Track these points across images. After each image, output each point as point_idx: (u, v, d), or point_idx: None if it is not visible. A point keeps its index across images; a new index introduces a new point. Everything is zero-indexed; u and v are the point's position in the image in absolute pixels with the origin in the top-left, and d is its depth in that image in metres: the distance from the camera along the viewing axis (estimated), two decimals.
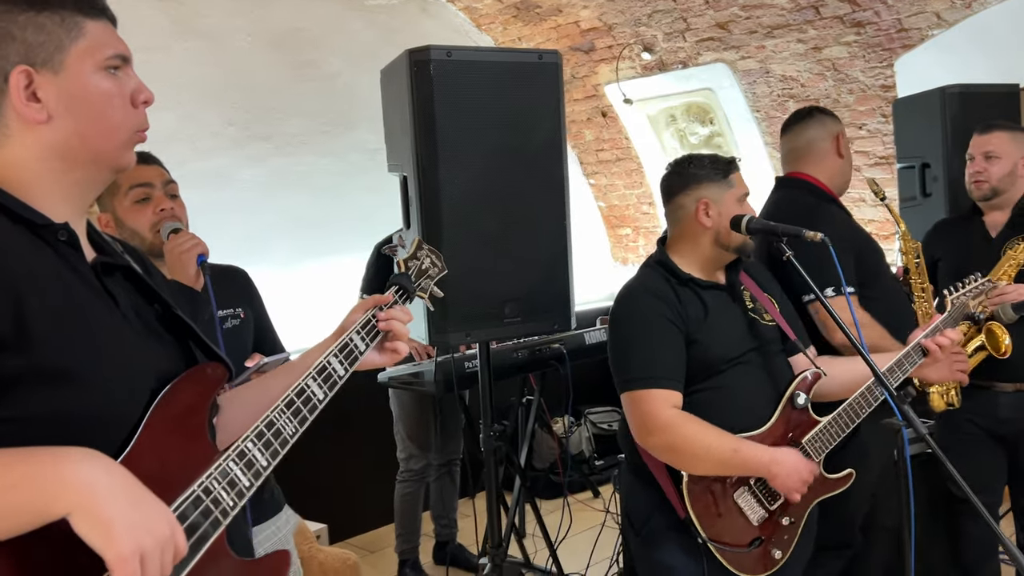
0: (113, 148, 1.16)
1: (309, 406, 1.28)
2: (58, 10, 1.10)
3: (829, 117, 2.76)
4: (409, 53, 2.31)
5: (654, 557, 2.09)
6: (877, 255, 2.67)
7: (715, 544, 1.96)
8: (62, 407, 1.01)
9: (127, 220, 2.02)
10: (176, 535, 0.99)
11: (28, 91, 1.08)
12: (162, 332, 1.22)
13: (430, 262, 1.71)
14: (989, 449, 2.87)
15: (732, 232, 2.09)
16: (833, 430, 2.07)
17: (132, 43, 1.22)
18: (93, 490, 0.92)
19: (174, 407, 1.13)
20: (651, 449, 1.99)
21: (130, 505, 0.94)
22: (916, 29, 4.24)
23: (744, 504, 2.01)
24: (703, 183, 2.12)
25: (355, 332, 1.42)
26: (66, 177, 1.13)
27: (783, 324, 2.18)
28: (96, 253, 1.19)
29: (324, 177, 4.87)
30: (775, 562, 2.03)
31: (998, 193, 2.88)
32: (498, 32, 5.72)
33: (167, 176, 2.09)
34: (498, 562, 2.65)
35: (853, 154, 4.90)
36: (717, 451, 1.94)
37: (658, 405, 1.96)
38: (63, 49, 1.10)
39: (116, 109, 1.15)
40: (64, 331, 1.02)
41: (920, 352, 2.13)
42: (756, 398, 2.07)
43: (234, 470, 1.13)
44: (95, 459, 0.95)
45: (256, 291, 2.30)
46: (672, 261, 2.14)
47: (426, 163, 2.31)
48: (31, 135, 1.10)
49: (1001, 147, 2.88)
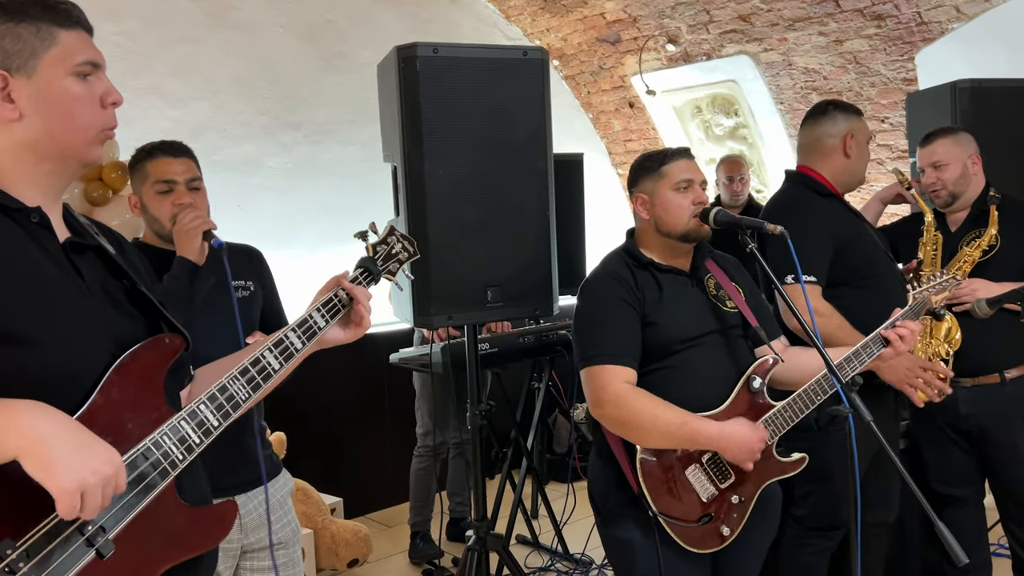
0: (80, 144, 1.30)
1: (263, 375, 1.42)
2: (35, 21, 1.24)
3: (844, 114, 2.76)
4: (398, 50, 2.43)
5: (612, 533, 2.19)
6: (871, 249, 2.70)
7: (665, 518, 2.05)
8: (26, 367, 1.15)
9: (150, 207, 2.20)
10: (119, 474, 1.13)
11: (3, 92, 1.23)
12: (128, 305, 1.36)
13: (401, 247, 1.85)
14: (956, 444, 2.89)
15: (668, 220, 2.19)
16: (787, 414, 2.14)
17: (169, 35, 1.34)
18: (37, 435, 1.07)
19: (132, 371, 1.27)
20: (603, 421, 2.10)
21: (71, 448, 1.09)
22: (936, 22, 4.22)
23: (694, 480, 2.09)
24: (639, 180, 2.27)
25: (315, 309, 1.55)
26: (37, 168, 1.27)
27: (746, 311, 2.26)
28: (70, 234, 1.34)
29: (351, 165, 5.04)
30: (723, 539, 2.11)
31: (956, 197, 2.92)
32: (527, 23, 5.82)
33: (193, 172, 2.23)
34: (482, 534, 2.77)
35: (876, 147, 4.92)
36: (664, 423, 2.02)
37: (610, 379, 2.06)
38: (36, 56, 1.24)
39: (84, 109, 1.28)
40: (27, 302, 1.17)
41: (880, 342, 2.19)
42: (713, 379, 2.15)
43: (185, 428, 1.27)
44: (39, 409, 1.10)
45: (268, 271, 2.43)
46: (636, 248, 2.26)
47: (412, 154, 2.44)
48: (6, 131, 1.24)
49: (946, 153, 2.91)
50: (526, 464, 4.10)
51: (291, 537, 2.32)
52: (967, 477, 2.91)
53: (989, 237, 2.81)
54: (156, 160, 2.19)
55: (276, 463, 2.39)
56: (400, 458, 4.43)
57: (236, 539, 2.18)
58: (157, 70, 4.37)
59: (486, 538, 2.78)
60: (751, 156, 5.52)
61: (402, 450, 4.38)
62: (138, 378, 1.28)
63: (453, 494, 4.42)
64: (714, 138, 5.73)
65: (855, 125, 2.75)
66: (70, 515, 1.08)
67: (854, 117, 2.77)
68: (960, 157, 2.89)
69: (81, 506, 1.08)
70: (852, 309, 2.56)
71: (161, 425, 1.25)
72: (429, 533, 4.21)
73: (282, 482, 2.38)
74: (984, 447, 2.84)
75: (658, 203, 2.21)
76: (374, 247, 1.80)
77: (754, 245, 2.17)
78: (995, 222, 2.82)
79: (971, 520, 2.94)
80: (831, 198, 2.74)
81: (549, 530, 4.20)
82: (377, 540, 4.26)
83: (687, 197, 2.19)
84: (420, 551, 4.14)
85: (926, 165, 2.95)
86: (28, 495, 1.09)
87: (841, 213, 2.74)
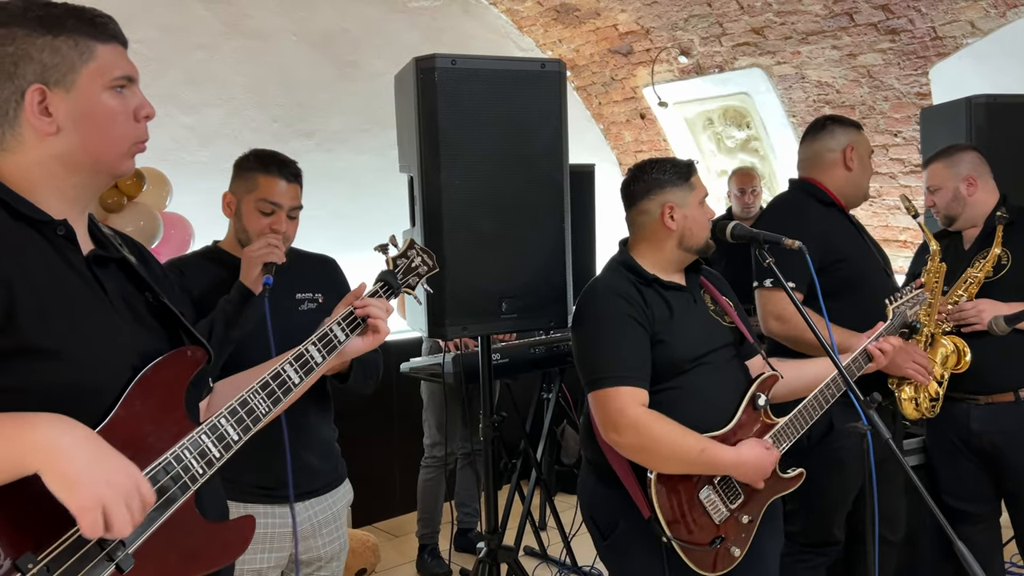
0: (114, 157, 1.30)
1: (284, 388, 1.42)
2: (73, 35, 1.24)
3: (843, 128, 2.75)
4: (416, 61, 2.43)
5: (622, 563, 2.15)
6: (865, 264, 2.68)
7: (679, 543, 2.00)
8: (50, 380, 1.16)
9: (246, 218, 2.21)
10: (140, 486, 1.12)
11: (41, 106, 1.23)
12: (149, 318, 1.36)
13: (420, 260, 1.85)
14: (970, 461, 2.88)
15: (697, 234, 2.16)
16: (790, 429, 2.13)
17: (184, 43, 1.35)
18: (56, 450, 1.07)
19: (153, 383, 1.27)
20: (619, 447, 2.03)
21: (91, 461, 1.08)
22: (950, 37, 4.21)
23: (708, 503, 2.06)
24: (667, 188, 2.17)
25: (336, 324, 1.56)
26: (67, 181, 1.27)
27: (741, 326, 2.24)
28: (94, 246, 1.34)
29: (363, 173, 5.05)
30: (733, 559, 2.08)
31: (953, 219, 2.94)
32: (539, 34, 5.82)
33: (298, 200, 2.26)
34: (493, 547, 2.76)
35: (889, 161, 4.91)
36: (685, 451, 1.98)
37: (627, 403, 2.00)
38: (75, 70, 1.24)
39: (119, 124, 1.29)
40: (49, 315, 1.17)
41: (866, 357, 2.24)
42: (718, 398, 2.12)
43: (205, 442, 1.28)
44: (59, 423, 1.10)
45: (343, 280, 2.44)
46: (636, 262, 2.18)
47: (429, 165, 2.43)
48: (41, 144, 1.24)
49: (936, 178, 2.95)
50: (535, 475, 4.08)
51: (338, 552, 2.32)
52: (981, 494, 2.89)
53: (993, 257, 2.80)
54: (271, 178, 2.20)
55: (340, 473, 2.38)
56: (408, 467, 4.42)
57: (287, 547, 2.18)
58: (172, 77, 4.39)
59: (497, 550, 2.77)
60: (763, 169, 5.52)
61: (410, 459, 4.37)
62: (160, 391, 1.28)
63: (461, 504, 4.40)
64: (726, 150, 5.73)
65: (855, 138, 2.75)
66: (94, 533, 1.07)
67: (854, 131, 2.77)
68: (951, 181, 2.91)
69: (107, 524, 1.07)
70: (838, 322, 2.52)
71: (182, 439, 1.26)
72: (437, 548, 4.19)
73: (341, 494, 2.36)
74: (998, 465, 2.83)
75: (689, 215, 2.16)
76: (394, 260, 1.81)
77: (772, 260, 2.17)
78: (1000, 242, 2.81)
79: (985, 537, 2.93)
80: (832, 207, 2.73)
81: (557, 542, 4.18)
82: (384, 550, 4.25)
83: (707, 213, 2.18)
84: (428, 567, 4.12)
85: (925, 187, 3.01)
86: (48, 508, 1.08)
87: (840, 224, 2.71)
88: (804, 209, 2.68)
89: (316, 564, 2.28)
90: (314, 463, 2.24)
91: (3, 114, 1.23)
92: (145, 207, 3.74)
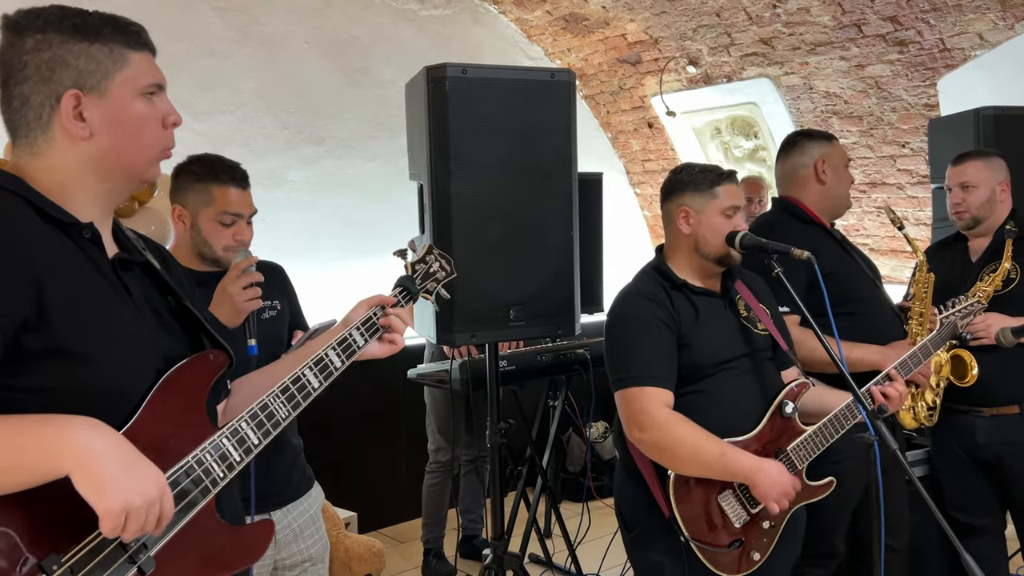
0: (143, 163, 1.33)
1: (303, 393, 1.44)
2: (108, 43, 1.27)
3: (813, 142, 2.75)
4: (427, 70, 2.46)
5: (644, 556, 2.19)
6: (854, 278, 2.67)
7: (697, 543, 2.04)
8: (76, 381, 1.17)
9: (206, 231, 2.17)
10: (164, 497, 1.14)
11: (76, 111, 1.25)
12: (172, 321, 1.38)
13: (439, 266, 1.84)
14: (975, 473, 2.88)
15: (711, 242, 2.18)
16: (817, 439, 2.14)
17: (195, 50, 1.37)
18: (89, 453, 1.09)
19: (176, 387, 1.29)
20: (641, 446, 2.07)
21: (121, 468, 1.10)
22: (959, 49, 4.22)
23: (727, 506, 2.09)
24: (686, 191, 2.21)
25: (355, 328, 1.57)
26: (98, 185, 1.30)
27: (776, 334, 2.26)
28: (119, 249, 1.36)
29: (372, 180, 5.07)
30: (753, 563, 2.11)
31: (979, 221, 2.90)
32: (548, 43, 5.85)
33: (253, 207, 2.25)
34: (499, 553, 2.77)
35: (896, 172, 4.92)
36: (705, 454, 2.02)
37: (652, 403, 2.05)
38: (109, 76, 1.27)
39: (149, 130, 1.32)
40: (79, 317, 1.19)
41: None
42: (744, 404, 2.14)
43: (226, 445, 1.29)
44: (93, 427, 1.12)
45: (291, 286, 2.47)
46: (668, 267, 2.24)
47: (439, 173, 2.46)
48: (74, 148, 1.26)
49: (976, 176, 2.88)
50: (541, 482, 4.09)
51: (321, 553, 2.34)
52: (986, 506, 2.90)
53: (1003, 272, 2.79)
54: (225, 188, 2.16)
55: (309, 476, 2.40)
56: (415, 473, 4.43)
57: (270, 555, 2.20)
58: (183, 84, 4.41)
59: (503, 557, 2.78)
60: (770, 179, 5.53)
61: (416, 465, 4.38)
62: (182, 394, 1.30)
63: (465, 511, 4.42)
64: (733, 160, 5.74)
65: (827, 151, 2.74)
66: (112, 534, 1.10)
67: (825, 143, 2.76)
68: (990, 182, 2.87)
69: (124, 526, 1.09)
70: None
71: (202, 442, 1.27)
72: (442, 551, 4.20)
73: (314, 496, 2.38)
74: (1004, 477, 2.83)
75: (704, 222, 2.19)
76: (413, 266, 1.81)
77: (780, 270, 2.18)
78: (1009, 256, 2.81)
79: (990, 550, 2.93)
80: (811, 225, 2.72)
81: (562, 549, 4.19)
82: (390, 556, 4.26)
83: (730, 224, 2.19)
84: (433, 569, 4.13)
85: (955, 184, 2.93)
86: (69, 510, 1.10)
87: (821, 240, 2.69)
88: (783, 229, 2.64)
89: (302, 567, 2.30)
90: (287, 471, 2.28)
91: (37, 118, 1.25)
92: (156, 212, 3.76)
